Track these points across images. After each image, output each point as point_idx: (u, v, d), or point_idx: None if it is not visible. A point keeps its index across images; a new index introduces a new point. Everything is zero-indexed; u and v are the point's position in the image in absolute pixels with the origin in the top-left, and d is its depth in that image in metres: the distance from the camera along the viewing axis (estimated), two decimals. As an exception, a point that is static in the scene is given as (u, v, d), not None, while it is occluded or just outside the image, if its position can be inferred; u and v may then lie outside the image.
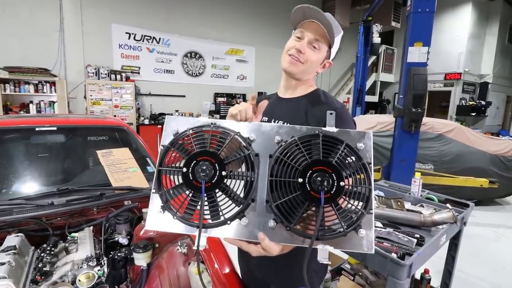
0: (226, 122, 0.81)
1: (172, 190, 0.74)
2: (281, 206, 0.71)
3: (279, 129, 0.79)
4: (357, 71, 6.91)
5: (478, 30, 9.23)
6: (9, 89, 4.94)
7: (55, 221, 1.34)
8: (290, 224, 0.70)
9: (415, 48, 3.04)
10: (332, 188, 0.68)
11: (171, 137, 0.78)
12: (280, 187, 0.72)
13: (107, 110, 5.78)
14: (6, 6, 5.06)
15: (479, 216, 4.09)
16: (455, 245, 1.84)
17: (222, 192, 0.75)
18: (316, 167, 0.70)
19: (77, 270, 1.07)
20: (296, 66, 1.00)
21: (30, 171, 1.69)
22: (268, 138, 0.79)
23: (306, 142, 0.74)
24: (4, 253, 1.04)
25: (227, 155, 0.76)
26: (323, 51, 1.00)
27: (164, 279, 1.15)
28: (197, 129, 0.78)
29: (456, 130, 4.37)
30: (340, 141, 0.73)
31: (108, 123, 2.26)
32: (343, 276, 2.02)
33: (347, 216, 0.70)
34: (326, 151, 0.72)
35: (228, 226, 0.74)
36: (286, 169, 0.72)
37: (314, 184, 0.69)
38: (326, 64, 1.05)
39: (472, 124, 9.35)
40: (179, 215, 0.74)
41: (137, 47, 6.56)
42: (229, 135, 0.77)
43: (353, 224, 0.69)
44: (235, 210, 0.73)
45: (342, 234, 0.69)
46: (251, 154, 0.75)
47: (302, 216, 0.71)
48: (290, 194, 0.71)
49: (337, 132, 0.77)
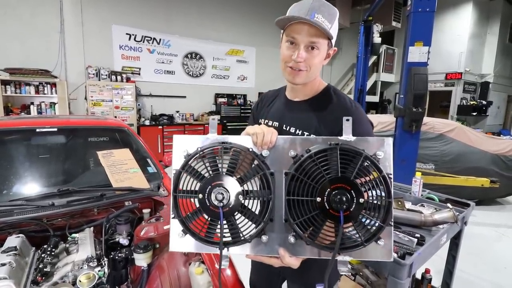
0: (236, 138, 0.78)
1: (191, 214, 0.75)
2: (300, 224, 0.71)
3: (293, 142, 0.76)
4: (357, 71, 6.90)
5: (478, 30, 9.21)
6: (10, 90, 4.96)
7: (56, 222, 1.34)
8: (310, 240, 0.71)
9: (415, 48, 3.03)
10: (351, 206, 0.67)
11: (182, 159, 0.76)
12: (298, 206, 0.72)
13: (107, 111, 5.79)
14: (7, 8, 5.08)
15: (480, 215, 4.08)
16: (456, 245, 1.83)
17: (240, 214, 0.75)
18: (334, 185, 0.68)
19: (78, 270, 1.08)
20: (299, 76, 0.91)
21: (31, 172, 1.70)
22: (282, 152, 0.76)
23: (323, 156, 0.71)
24: (5, 254, 1.05)
25: (242, 173, 0.75)
26: (323, 48, 0.88)
27: (165, 280, 1.15)
28: (208, 149, 0.76)
29: (457, 130, 4.36)
30: (358, 154, 0.70)
31: (108, 124, 2.27)
32: (344, 276, 2.01)
33: (366, 228, 0.70)
34: (344, 164, 0.70)
35: (249, 243, 0.75)
36: (303, 187, 0.71)
37: (334, 203, 0.67)
38: (330, 54, 0.93)
39: (473, 124, 9.33)
40: (200, 236, 0.75)
41: (138, 48, 6.57)
42: (241, 153, 0.75)
43: (372, 237, 0.69)
44: (254, 230, 0.74)
45: (361, 246, 0.70)
46: (266, 173, 0.73)
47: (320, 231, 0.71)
48: (308, 213, 0.70)
49: (354, 141, 0.73)
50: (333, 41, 0.90)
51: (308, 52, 0.87)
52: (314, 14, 0.82)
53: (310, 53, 0.87)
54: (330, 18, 0.84)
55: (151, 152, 2.09)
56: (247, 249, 0.76)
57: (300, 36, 0.85)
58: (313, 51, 0.86)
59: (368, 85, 8.78)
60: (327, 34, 0.84)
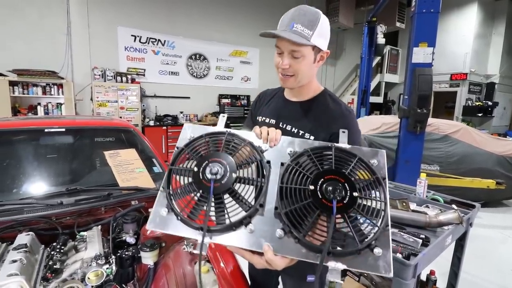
0: (240, 131, 0.83)
1: (180, 189, 0.74)
2: (291, 214, 0.67)
3: (292, 142, 0.80)
4: (361, 72, 6.90)
5: (484, 30, 9.15)
6: (18, 91, 5.03)
7: (64, 221, 1.36)
8: (300, 235, 0.65)
9: (420, 48, 3.03)
10: (345, 198, 0.65)
11: (186, 141, 0.80)
12: (290, 195, 0.69)
13: (113, 112, 5.85)
14: (15, 10, 5.16)
15: (485, 217, 4.05)
16: (461, 246, 1.83)
17: (230, 195, 0.72)
18: (328, 176, 0.68)
19: (86, 268, 1.10)
20: (288, 81, 0.98)
21: (40, 171, 1.73)
22: (280, 149, 0.79)
23: (318, 154, 0.74)
24: (16, 251, 1.07)
25: (239, 161, 0.76)
26: (307, 54, 0.92)
27: (171, 278, 1.17)
28: (212, 135, 0.80)
29: (462, 131, 4.34)
30: (353, 155, 0.73)
31: (115, 125, 2.30)
32: (348, 277, 2.02)
33: (360, 231, 0.65)
34: (338, 164, 0.71)
35: (233, 232, 0.70)
36: (297, 177, 0.71)
37: (326, 192, 0.66)
38: (323, 56, 0.98)
39: (479, 125, 9.25)
40: (183, 215, 0.71)
41: (143, 49, 6.62)
42: (242, 143, 0.78)
43: (368, 240, 0.63)
44: (242, 215, 0.70)
45: (355, 250, 0.63)
46: (262, 160, 0.76)
47: (312, 227, 0.66)
48: (301, 202, 0.68)
49: (350, 148, 0.76)
50: (321, 45, 0.93)
51: (293, 59, 0.92)
52: (293, 24, 0.88)
53: (294, 60, 0.92)
54: (310, 24, 0.88)
55: (156, 152, 2.11)
56: (230, 239, 0.70)
57: (283, 46, 0.92)
58: (297, 58, 0.91)
59: (372, 86, 8.76)
60: (304, 43, 0.87)
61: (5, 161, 1.68)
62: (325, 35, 0.94)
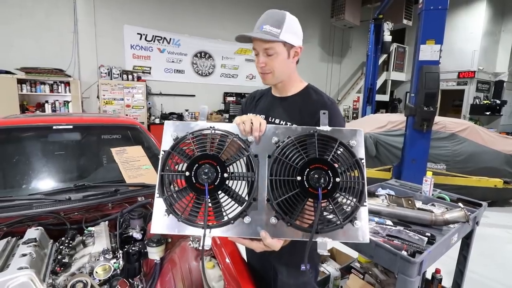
0: (224, 125, 0.84)
1: (175, 193, 0.77)
2: (282, 203, 0.75)
3: (275, 130, 0.83)
4: (367, 69, 6.84)
5: (493, 27, 8.99)
6: (26, 89, 5.11)
7: (72, 216, 1.39)
8: (291, 220, 0.75)
9: (427, 46, 3.00)
10: (328, 184, 0.73)
11: (171, 142, 0.80)
12: (280, 186, 0.76)
13: (119, 110, 5.90)
14: (23, 9, 5.23)
15: (492, 217, 4.00)
16: (467, 245, 1.81)
17: (224, 193, 0.78)
18: (313, 165, 0.74)
19: (94, 262, 1.11)
20: (267, 78, 1.07)
21: (48, 167, 1.75)
22: (265, 139, 0.82)
23: (302, 141, 0.79)
24: (25, 245, 1.09)
25: (228, 157, 0.80)
26: (280, 50, 1.01)
27: (177, 273, 1.18)
28: (197, 133, 0.80)
29: (470, 130, 4.29)
30: (334, 140, 0.78)
31: (121, 122, 2.32)
32: (353, 275, 2.02)
33: (343, 210, 0.75)
34: (321, 149, 0.77)
35: (232, 225, 0.77)
36: (284, 168, 0.76)
37: (312, 181, 0.73)
38: (298, 52, 1.07)
39: (487, 124, 9.12)
40: (183, 217, 0.76)
41: (148, 47, 6.66)
42: (228, 138, 0.80)
43: (349, 216, 0.74)
44: (238, 210, 0.77)
45: (339, 226, 0.74)
46: (250, 155, 0.79)
47: (301, 212, 0.76)
48: (289, 192, 0.75)
49: (330, 130, 0.81)
50: (292, 40, 1.01)
51: (268, 57, 1.02)
52: (263, 26, 0.99)
53: (269, 58, 1.02)
54: (277, 23, 0.99)
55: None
56: (229, 231, 0.77)
57: (257, 46, 1.03)
58: (271, 56, 1.01)
59: (378, 83, 8.68)
60: (273, 40, 0.97)
61: (14, 158, 1.71)
62: (294, 32, 1.02)
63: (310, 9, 9.15)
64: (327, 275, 2.10)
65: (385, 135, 4.40)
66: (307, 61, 9.48)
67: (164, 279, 1.20)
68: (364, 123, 4.94)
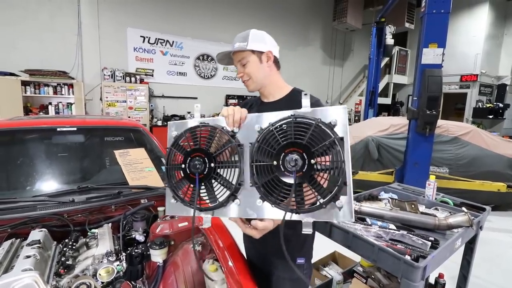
0: (214, 120, 0.95)
1: (176, 183, 0.92)
2: (264, 186, 0.81)
3: (257, 118, 0.89)
4: (369, 73, 6.84)
5: (495, 31, 8.99)
6: (30, 91, 5.14)
7: (76, 218, 1.39)
8: (276, 201, 0.80)
9: (429, 49, 3.00)
10: (303, 167, 0.75)
11: (173, 140, 0.95)
12: (261, 171, 0.82)
13: (121, 112, 5.92)
14: (28, 11, 5.27)
15: (496, 221, 3.97)
16: (470, 250, 1.80)
17: (215, 180, 0.89)
18: (288, 149, 0.77)
19: (98, 264, 1.12)
20: (248, 84, 1.21)
21: (52, 169, 1.76)
22: (250, 128, 0.89)
23: (280, 126, 0.82)
24: (29, 247, 1.09)
25: (217, 148, 0.90)
26: (251, 59, 1.15)
27: (179, 276, 1.18)
28: (191, 130, 0.93)
29: (472, 133, 4.27)
30: (311, 120, 0.78)
31: (124, 124, 2.33)
32: (355, 279, 2.01)
33: (324, 190, 0.76)
34: (300, 132, 0.78)
35: (225, 208, 0.89)
36: (263, 154, 0.82)
37: (287, 165, 0.76)
38: (269, 56, 1.17)
39: (490, 127, 9.08)
40: (186, 201, 0.91)
41: (151, 50, 6.70)
42: (216, 131, 0.91)
43: (329, 196, 0.75)
44: (227, 194, 0.87)
45: (320, 206, 0.76)
46: (234, 145, 0.87)
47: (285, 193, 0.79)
48: (268, 176, 0.80)
49: (312, 111, 0.82)
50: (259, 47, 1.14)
51: (243, 67, 1.17)
52: (235, 44, 1.16)
53: (244, 67, 1.17)
54: (243, 39, 1.14)
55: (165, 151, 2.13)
56: (224, 212, 0.89)
57: (234, 62, 1.21)
58: (245, 65, 1.16)
59: (380, 87, 8.68)
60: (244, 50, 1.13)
61: (19, 159, 1.72)
62: (260, 40, 1.16)
63: (312, 12, 9.18)
64: (329, 279, 2.09)
65: (387, 138, 4.39)
66: (309, 64, 9.50)
67: (167, 282, 1.20)
68: (366, 126, 4.93)
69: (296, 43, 8.95)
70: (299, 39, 9.04)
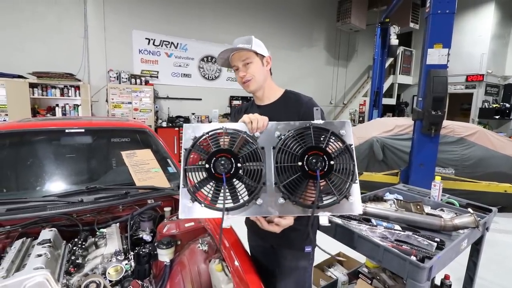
0: (234, 125, 0.99)
1: (198, 184, 0.92)
2: (287, 185, 0.90)
3: (277, 126, 0.98)
4: (374, 73, 6.83)
5: (501, 30, 8.89)
6: (37, 93, 5.21)
7: (85, 218, 1.42)
8: (296, 198, 0.90)
9: (434, 50, 2.99)
10: (325, 167, 0.88)
11: (191, 142, 0.95)
12: (284, 171, 0.91)
13: (127, 113, 5.98)
14: (35, 14, 5.35)
15: (503, 222, 3.93)
16: (477, 251, 1.79)
17: (239, 180, 0.92)
18: (310, 152, 0.89)
19: (107, 263, 1.14)
20: (249, 85, 1.21)
21: (61, 170, 1.79)
22: (269, 134, 0.97)
23: (300, 133, 0.94)
24: (40, 246, 1.12)
25: (239, 151, 0.93)
26: (254, 59, 1.19)
27: (186, 275, 1.20)
28: (212, 133, 0.95)
29: (479, 134, 4.24)
30: (326, 130, 0.94)
31: (131, 126, 2.36)
32: (361, 280, 2.01)
33: (339, 188, 0.89)
34: (316, 139, 0.92)
35: (246, 207, 0.91)
36: (287, 157, 0.91)
37: (311, 165, 0.88)
38: (268, 61, 1.24)
39: (496, 128, 8.98)
40: (206, 203, 0.90)
41: (156, 52, 6.75)
42: (238, 135, 0.94)
43: (344, 192, 0.89)
44: (251, 194, 0.91)
45: (336, 201, 0.89)
46: (257, 148, 0.93)
47: (304, 191, 0.90)
48: (293, 175, 0.90)
49: (323, 123, 0.97)
50: (262, 52, 1.21)
51: (246, 67, 1.19)
52: (237, 45, 1.17)
53: (247, 67, 1.19)
54: (247, 41, 1.19)
55: (171, 152, 2.16)
56: (245, 212, 0.91)
57: (236, 62, 1.20)
58: (249, 65, 1.19)
59: (385, 87, 8.64)
60: (250, 49, 1.17)
61: (29, 160, 1.76)
62: (260, 45, 1.22)
63: (316, 13, 9.18)
64: (334, 279, 2.10)
65: (392, 139, 4.37)
66: (313, 65, 9.49)
67: (174, 281, 1.21)
68: (370, 127, 4.91)
69: (299, 44, 8.96)
70: (302, 40, 9.04)
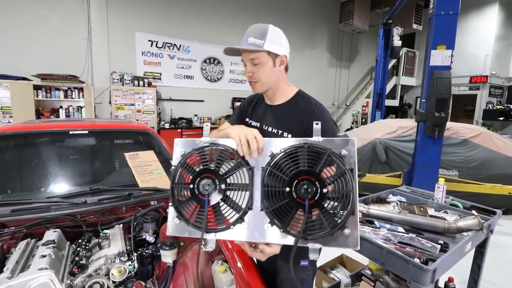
0: (225, 141, 0.92)
1: (183, 203, 0.88)
2: (274, 211, 0.81)
3: (269, 142, 0.88)
4: (376, 74, 6.81)
5: (505, 31, 8.84)
6: (41, 95, 5.26)
7: (88, 219, 1.42)
8: (283, 227, 0.80)
9: (438, 51, 2.98)
10: (315, 195, 0.77)
11: (180, 158, 0.91)
12: (272, 195, 0.81)
13: (130, 115, 6.01)
14: (39, 16, 5.41)
15: (507, 225, 3.90)
16: (481, 254, 1.78)
17: (224, 202, 0.87)
18: (301, 177, 0.78)
19: (110, 264, 1.14)
20: (255, 87, 1.14)
21: (65, 171, 1.81)
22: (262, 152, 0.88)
23: (293, 153, 0.82)
24: (44, 247, 1.12)
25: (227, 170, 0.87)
26: (264, 59, 1.07)
27: (189, 276, 1.20)
28: (200, 150, 0.90)
29: (483, 135, 4.21)
30: (324, 151, 0.80)
31: (134, 127, 2.37)
32: (363, 282, 2.00)
33: (333, 218, 0.77)
34: (312, 160, 0.80)
35: (232, 230, 0.86)
36: (276, 180, 0.82)
37: (300, 192, 0.77)
38: (282, 61, 1.11)
39: (500, 129, 8.91)
40: (191, 222, 0.87)
41: (159, 54, 6.79)
42: (227, 152, 0.89)
43: (337, 225, 0.76)
44: (236, 217, 0.85)
45: (328, 234, 0.76)
46: (245, 168, 0.86)
47: (293, 219, 0.80)
48: (280, 202, 0.80)
49: (322, 141, 0.83)
50: (275, 50, 1.07)
51: (254, 67, 1.08)
52: (248, 39, 1.06)
53: (255, 67, 1.08)
54: (260, 35, 1.05)
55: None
56: (231, 235, 0.86)
57: (244, 58, 1.10)
58: (257, 65, 1.07)
59: (388, 88, 8.62)
60: (257, 50, 1.04)
61: (33, 162, 1.77)
62: (277, 42, 1.08)
63: (318, 15, 9.19)
64: (337, 281, 2.09)
65: (395, 141, 4.36)
66: (316, 66, 9.49)
67: (177, 282, 1.21)
68: (373, 129, 4.90)
69: (302, 46, 8.96)
70: (305, 41, 9.05)
